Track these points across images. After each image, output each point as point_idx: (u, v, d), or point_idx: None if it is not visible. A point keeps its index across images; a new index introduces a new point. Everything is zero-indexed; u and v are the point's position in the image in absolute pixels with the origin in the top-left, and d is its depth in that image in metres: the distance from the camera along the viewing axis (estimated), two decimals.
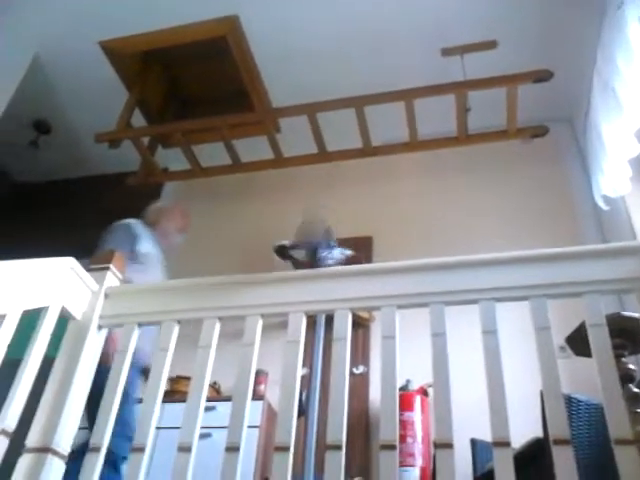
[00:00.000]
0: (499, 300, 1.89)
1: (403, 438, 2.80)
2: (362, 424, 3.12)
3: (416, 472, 2.77)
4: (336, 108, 3.80)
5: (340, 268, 2.06)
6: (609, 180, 2.96)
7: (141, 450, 1.61)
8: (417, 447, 2.84)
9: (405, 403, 2.94)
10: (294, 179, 4.36)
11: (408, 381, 2.98)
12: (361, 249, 3.87)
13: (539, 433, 2.12)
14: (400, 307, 1.93)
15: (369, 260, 3.81)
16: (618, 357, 2.07)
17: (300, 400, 2.20)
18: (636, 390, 1.89)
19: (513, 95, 3.52)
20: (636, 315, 1.96)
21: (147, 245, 2.76)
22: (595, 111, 3.02)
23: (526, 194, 3.72)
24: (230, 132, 4.14)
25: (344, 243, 3.82)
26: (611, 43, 2.69)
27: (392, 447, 1.57)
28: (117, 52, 4.14)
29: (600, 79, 2.87)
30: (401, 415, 2.88)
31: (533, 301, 1.84)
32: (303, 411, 2.24)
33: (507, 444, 1.58)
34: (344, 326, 1.88)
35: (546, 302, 1.84)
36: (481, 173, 3.92)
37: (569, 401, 2.04)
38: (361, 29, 3.75)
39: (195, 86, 4.60)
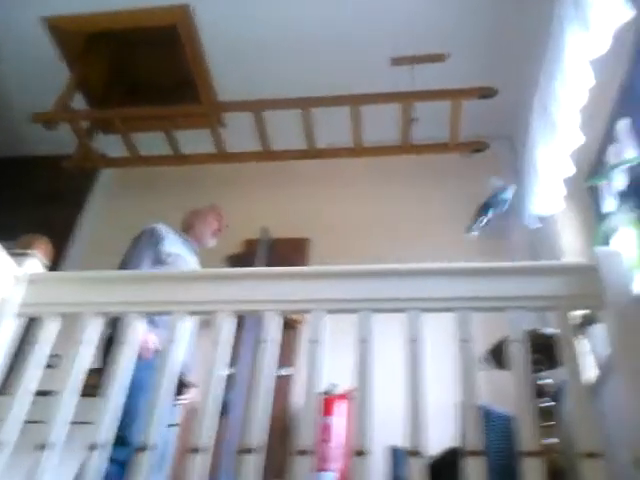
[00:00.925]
0: (425, 310, 1.93)
1: (323, 442, 2.82)
2: (281, 427, 3.12)
3: (331, 476, 2.80)
4: (283, 107, 3.80)
5: (273, 269, 2.05)
6: (542, 199, 3.07)
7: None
8: (336, 452, 2.87)
9: (327, 407, 2.96)
10: (237, 175, 4.33)
11: (333, 385, 3.00)
12: (297, 251, 3.88)
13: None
14: (330, 312, 1.95)
15: (305, 263, 3.81)
16: (535, 372, 2.15)
17: (224, 401, 2.18)
18: (547, 405, 1.96)
19: (457, 109, 3.61)
20: (555, 332, 2.04)
21: (173, 246, 2.81)
22: (533, 131, 3.12)
23: (463, 208, 3.81)
24: (173, 123, 4.07)
25: (280, 243, 3.83)
26: (551, 65, 2.79)
27: (307, 452, 1.57)
28: (61, 30, 4.01)
29: (540, 100, 2.98)
30: (323, 419, 2.90)
31: (458, 313, 1.88)
32: (226, 412, 2.22)
33: (420, 454, 1.61)
34: (272, 328, 1.88)
35: (470, 315, 1.89)
36: (423, 183, 4.00)
37: (485, 413, 2.10)
38: (316, 31, 3.76)
39: (141, 73, 4.50)
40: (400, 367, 1.82)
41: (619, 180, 2.84)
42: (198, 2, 3.72)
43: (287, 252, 3.85)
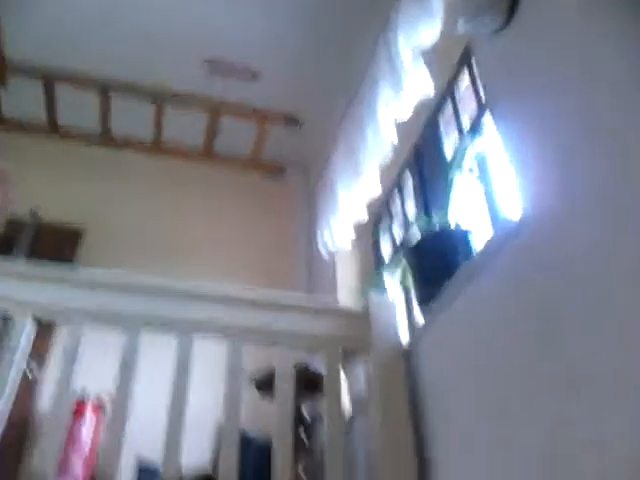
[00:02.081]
0: (197, 334, 1.86)
1: (66, 447, 2.58)
2: (22, 430, 2.78)
3: None
4: (81, 86, 3.47)
5: (34, 269, 1.81)
6: (333, 235, 3.19)
7: None
8: (79, 458, 2.65)
9: (76, 412, 2.73)
10: (13, 144, 3.81)
11: (84, 390, 2.76)
12: (68, 241, 3.54)
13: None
14: (93, 322, 1.79)
15: (74, 256, 3.48)
16: (298, 404, 2.19)
17: None
18: (303, 435, 2.01)
19: (263, 131, 3.63)
20: (319, 371, 2.11)
21: None
22: (334, 168, 3.25)
23: (253, 228, 3.82)
24: None
25: (49, 230, 3.45)
26: (361, 112, 2.93)
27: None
28: None
29: (346, 139, 3.10)
30: (72, 425, 2.66)
31: (230, 341, 1.84)
32: None
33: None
34: (22, 336, 1.67)
35: (241, 346, 1.86)
36: (219, 197, 3.91)
37: (245, 438, 2.08)
38: (135, 14, 3.48)
39: None
40: (165, 385, 1.75)
41: (397, 231, 3.09)
42: None
43: (56, 241, 3.48)
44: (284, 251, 3.78)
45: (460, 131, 2.51)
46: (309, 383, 2.02)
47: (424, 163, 2.88)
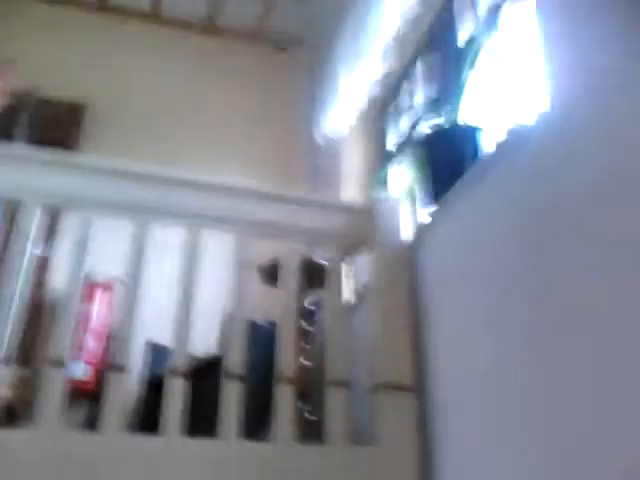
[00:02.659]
0: (206, 227, 1.88)
1: (79, 330, 2.70)
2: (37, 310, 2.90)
3: (82, 365, 2.73)
4: None
5: (41, 154, 1.79)
6: (334, 119, 3.12)
7: None
8: (89, 341, 2.79)
9: (89, 294, 2.83)
10: (15, 10, 3.60)
11: (93, 273, 2.83)
12: (71, 117, 3.47)
13: None
14: (101, 210, 1.80)
15: (78, 132, 3.43)
16: (302, 295, 2.27)
17: None
18: (306, 327, 2.11)
19: (269, 2, 3.43)
20: (323, 262, 2.16)
21: None
22: (338, 51, 3.11)
23: (256, 105, 3.73)
24: None
25: (51, 105, 3.36)
26: None
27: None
28: None
29: (354, 15, 2.94)
30: (83, 306, 2.76)
31: (237, 235, 1.87)
32: None
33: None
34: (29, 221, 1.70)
35: (248, 238, 1.88)
36: (221, 71, 3.77)
37: (251, 326, 2.17)
38: None
39: None
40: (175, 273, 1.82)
41: (404, 123, 3.01)
42: None
43: (58, 116, 3.41)
44: (286, 137, 3.71)
45: (475, 16, 2.37)
46: (313, 274, 2.08)
47: (436, 49, 2.73)
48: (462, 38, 2.48)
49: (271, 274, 2.09)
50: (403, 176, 2.52)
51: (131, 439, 1.58)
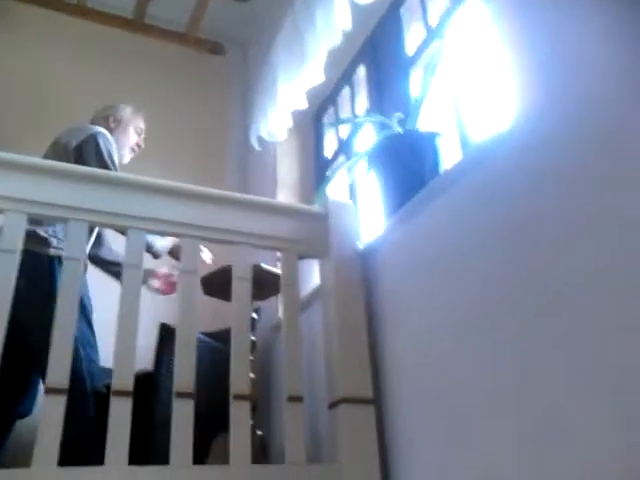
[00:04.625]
0: (148, 232, 1.74)
1: None
2: None
3: None
4: None
5: None
6: (269, 123, 3.04)
7: None
8: None
9: None
10: None
11: None
12: None
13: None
14: (30, 216, 1.63)
15: None
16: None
17: None
18: (253, 338, 2.00)
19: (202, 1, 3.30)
20: (275, 270, 2.07)
21: None
22: (277, 51, 3.04)
23: (184, 110, 3.56)
24: None
25: None
26: None
27: None
28: None
29: (294, 19, 2.87)
30: None
31: (184, 240, 1.74)
32: None
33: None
34: None
35: (198, 244, 1.77)
36: (149, 75, 3.56)
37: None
38: None
39: None
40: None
41: (344, 129, 2.97)
42: None
43: None
44: (217, 141, 3.58)
45: (426, 23, 2.38)
46: (263, 282, 1.98)
47: (381, 57, 2.72)
48: (410, 45, 2.48)
49: (217, 284, 1.96)
50: (356, 183, 2.47)
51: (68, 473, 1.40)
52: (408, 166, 1.85)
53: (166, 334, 2.09)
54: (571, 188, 1.24)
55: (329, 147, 3.13)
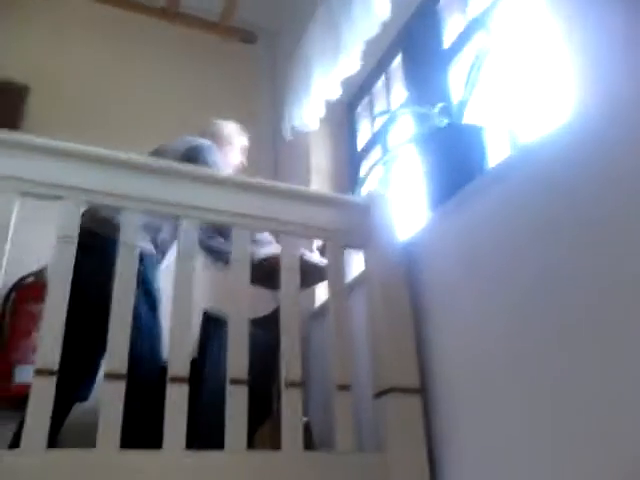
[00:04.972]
0: (204, 222, 1.77)
1: (29, 333, 2.48)
2: None
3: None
4: None
5: None
6: (303, 113, 3.05)
7: None
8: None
9: (37, 293, 2.60)
10: None
11: (44, 269, 2.61)
12: (12, 97, 3.20)
13: None
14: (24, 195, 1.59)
15: (20, 112, 3.16)
16: None
17: None
18: None
19: None
20: (317, 260, 2.09)
21: None
22: (311, 41, 3.04)
23: (218, 95, 3.57)
24: None
25: None
26: None
27: None
28: None
29: (329, 9, 2.87)
30: (31, 307, 2.54)
31: (235, 230, 1.76)
32: None
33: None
34: None
35: (248, 233, 1.78)
36: (175, 57, 3.58)
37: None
38: None
39: None
40: None
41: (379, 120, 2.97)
42: None
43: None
44: (247, 130, 3.59)
45: (465, 13, 2.37)
46: (306, 273, 2.00)
47: (418, 47, 2.71)
48: (449, 36, 2.48)
49: (260, 273, 1.98)
50: (399, 174, 2.47)
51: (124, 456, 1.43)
52: (455, 159, 1.86)
53: (209, 321, 2.13)
54: (622, 190, 1.25)
55: (363, 137, 3.14)
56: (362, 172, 3.01)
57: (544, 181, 1.47)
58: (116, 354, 1.46)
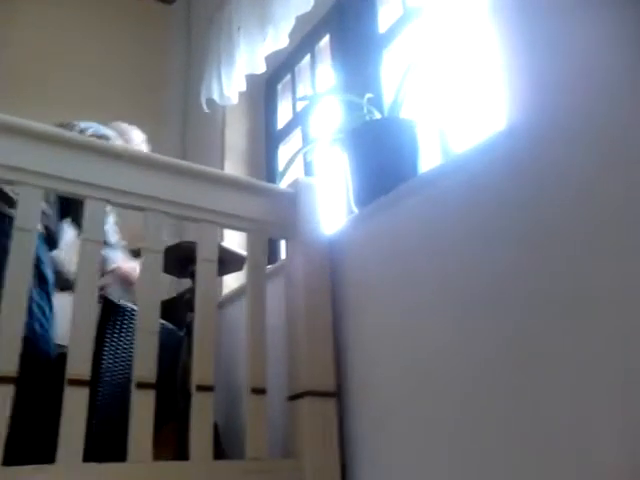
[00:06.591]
0: (113, 204, 1.60)
1: None
2: None
3: None
4: None
5: None
6: (223, 86, 2.87)
7: None
8: None
9: None
10: None
11: None
12: None
13: None
14: None
15: None
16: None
17: None
18: None
19: None
20: (237, 250, 1.98)
21: None
22: (237, 10, 2.84)
23: (122, 59, 3.31)
24: None
25: None
26: None
27: None
28: None
29: None
30: None
31: (148, 215, 1.61)
32: None
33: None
34: None
35: (163, 219, 1.64)
36: (89, 14, 3.28)
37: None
38: None
39: None
40: None
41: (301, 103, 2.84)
42: None
43: None
44: (154, 96, 3.36)
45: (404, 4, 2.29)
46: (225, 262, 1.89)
47: (349, 28, 2.60)
48: (383, 21, 2.39)
49: (171, 259, 1.84)
50: (323, 164, 2.38)
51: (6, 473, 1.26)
52: (385, 154, 1.79)
53: (109, 311, 1.95)
54: (550, 198, 1.25)
55: (282, 117, 3.01)
56: (280, 155, 2.90)
57: (474, 188, 1.45)
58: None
